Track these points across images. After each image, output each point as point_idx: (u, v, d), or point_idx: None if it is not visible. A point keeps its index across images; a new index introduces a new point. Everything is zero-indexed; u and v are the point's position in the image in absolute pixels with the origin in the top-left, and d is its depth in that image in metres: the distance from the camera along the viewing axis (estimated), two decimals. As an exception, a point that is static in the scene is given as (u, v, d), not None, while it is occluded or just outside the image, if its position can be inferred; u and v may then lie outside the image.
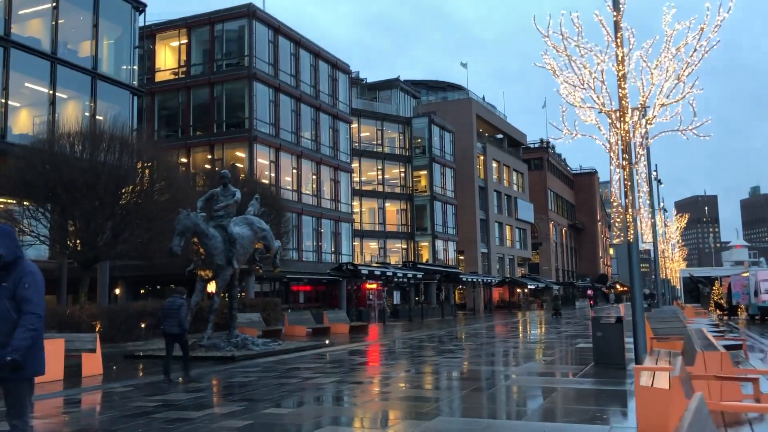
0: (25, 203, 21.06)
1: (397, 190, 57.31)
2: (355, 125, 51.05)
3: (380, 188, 55.45)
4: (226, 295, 19.99)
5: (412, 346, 21.29)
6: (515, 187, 77.38)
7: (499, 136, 78.05)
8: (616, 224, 14.41)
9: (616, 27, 13.71)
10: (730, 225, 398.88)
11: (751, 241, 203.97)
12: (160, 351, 18.79)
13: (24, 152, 20.67)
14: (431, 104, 68.25)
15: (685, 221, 42.20)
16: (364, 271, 36.81)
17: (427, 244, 58.13)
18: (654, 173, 33.74)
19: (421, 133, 58.68)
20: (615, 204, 14.04)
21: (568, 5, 13.87)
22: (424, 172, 58.59)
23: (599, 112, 14.05)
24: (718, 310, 39.39)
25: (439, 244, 58.78)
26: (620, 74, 13.67)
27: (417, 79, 76.62)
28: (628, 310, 57.97)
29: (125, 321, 21.81)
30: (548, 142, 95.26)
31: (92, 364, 14.04)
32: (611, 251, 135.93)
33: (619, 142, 13.87)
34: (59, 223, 21.29)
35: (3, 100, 23.71)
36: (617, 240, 14.15)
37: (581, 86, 13.74)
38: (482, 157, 68.20)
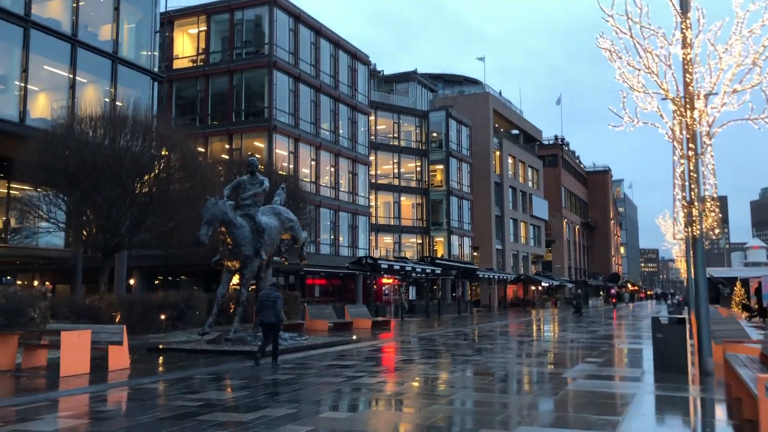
0: (43, 189, 20.25)
1: (413, 184, 56.42)
2: (372, 118, 50.17)
3: (396, 182, 54.57)
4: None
5: (444, 343, 20.47)
6: (530, 184, 76.37)
7: (515, 131, 77.01)
8: (676, 218, 13.55)
9: (684, 7, 12.80)
10: (739, 226, 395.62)
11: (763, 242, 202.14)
12: (183, 344, 18.12)
13: (45, 136, 19.88)
14: (448, 98, 67.21)
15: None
16: (383, 266, 35.95)
17: (442, 239, 57.28)
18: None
19: (438, 127, 57.74)
20: (679, 197, 13.18)
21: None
22: (441, 166, 57.70)
23: (663, 99, 13.15)
24: (745, 312, 38.34)
25: (455, 239, 57.92)
26: (687, 58, 12.77)
27: (434, 73, 75.53)
28: (636, 310, 57.07)
29: (144, 312, 21.05)
30: (563, 139, 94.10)
31: (119, 358, 13.26)
32: (622, 250, 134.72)
33: (685, 131, 12.98)
34: (78, 209, 20.49)
35: (23, 84, 22.94)
36: (679, 236, 13.28)
37: (646, 70, 12.84)
38: (498, 153, 67.22)
